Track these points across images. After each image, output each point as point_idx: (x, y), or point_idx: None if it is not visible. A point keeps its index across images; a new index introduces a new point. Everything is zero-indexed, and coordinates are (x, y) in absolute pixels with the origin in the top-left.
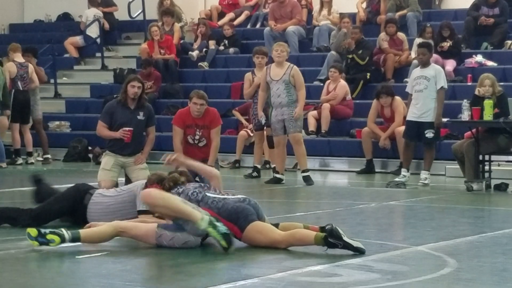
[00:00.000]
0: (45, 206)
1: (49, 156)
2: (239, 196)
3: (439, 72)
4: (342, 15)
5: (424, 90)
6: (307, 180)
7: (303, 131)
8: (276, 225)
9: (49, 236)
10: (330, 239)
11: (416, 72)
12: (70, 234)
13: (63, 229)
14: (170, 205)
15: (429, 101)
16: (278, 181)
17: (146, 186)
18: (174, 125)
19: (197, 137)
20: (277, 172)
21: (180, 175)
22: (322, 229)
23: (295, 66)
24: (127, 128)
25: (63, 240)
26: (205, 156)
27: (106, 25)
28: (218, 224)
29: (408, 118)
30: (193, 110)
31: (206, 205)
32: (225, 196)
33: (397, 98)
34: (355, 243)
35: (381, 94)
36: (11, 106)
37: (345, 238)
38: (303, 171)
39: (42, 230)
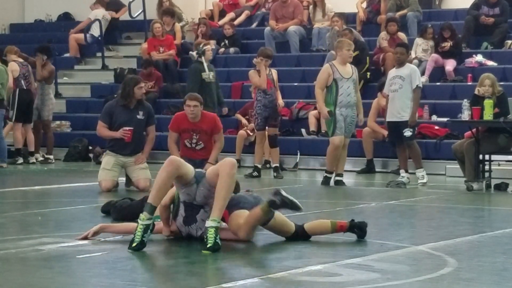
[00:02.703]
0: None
1: (51, 157)
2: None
3: (414, 71)
4: (334, 14)
5: (399, 89)
6: (341, 183)
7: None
8: (302, 225)
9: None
10: (273, 197)
11: (392, 72)
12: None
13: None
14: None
15: (405, 100)
16: (342, 183)
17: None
18: (169, 129)
19: (194, 141)
20: (341, 175)
21: None
22: (351, 224)
23: (355, 68)
24: (127, 128)
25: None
26: (203, 157)
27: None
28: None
29: (387, 119)
30: (188, 113)
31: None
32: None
33: None
34: (294, 200)
35: (383, 86)
36: (15, 105)
37: (284, 193)
38: (339, 175)
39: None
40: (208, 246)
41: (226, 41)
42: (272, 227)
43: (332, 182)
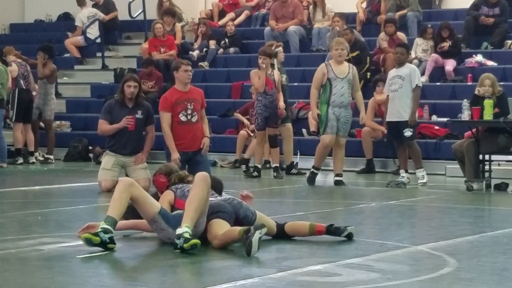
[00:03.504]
0: None
1: (51, 157)
2: (227, 196)
3: (413, 71)
4: (334, 15)
5: (399, 89)
6: (340, 183)
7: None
8: (283, 225)
9: (109, 245)
10: (252, 229)
11: (392, 72)
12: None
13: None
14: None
15: (405, 100)
16: (342, 182)
17: (155, 174)
18: (161, 111)
19: (189, 111)
20: (339, 175)
21: (188, 175)
22: (327, 229)
23: (354, 67)
24: (130, 116)
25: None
26: (198, 134)
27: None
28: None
29: (387, 119)
30: (184, 78)
31: None
32: (215, 199)
33: None
34: (254, 247)
35: (379, 82)
36: (15, 105)
37: (256, 235)
38: (338, 175)
39: (103, 238)
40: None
41: (227, 40)
42: None
43: (331, 182)
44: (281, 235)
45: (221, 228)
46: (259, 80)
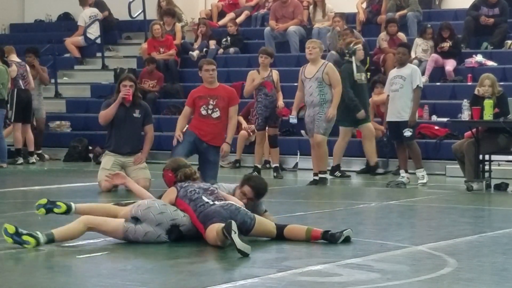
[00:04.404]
0: None
1: (41, 153)
2: (225, 202)
3: (415, 71)
4: (335, 15)
5: (400, 89)
6: (323, 181)
7: (303, 132)
8: (284, 227)
9: (25, 237)
10: (225, 232)
11: (393, 72)
12: (45, 237)
13: (38, 232)
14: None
15: (406, 100)
16: (324, 181)
17: (164, 169)
18: (185, 105)
19: (210, 106)
20: (316, 174)
21: (195, 172)
22: (323, 236)
23: (329, 63)
24: (126, 88)
25: (38, 242)
26: (218, 130)
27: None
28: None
29: (387, 119)
30: (206, 77)
31: (194, 206)
32: (215, 203)
33: None
34: (240, 245)
35: (377, 83)
36: (13, 105)
37: (233, 236)
38: (315, 174)
39: (20, 230)
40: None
41: (229, 39)
42: (253, 233)
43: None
44: (280, 238)
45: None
46: (250, 84)
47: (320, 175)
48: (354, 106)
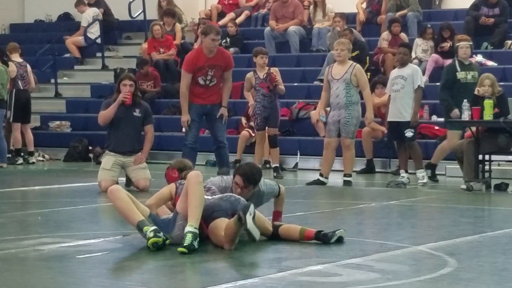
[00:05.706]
0: None
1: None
2: (224, 194)
3: (416, 71)
4: (335, 15)
5: (401, 89)
6: (347, 183)
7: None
8: (279, 226)
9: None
10: (241, 213)
11: (394, 72)
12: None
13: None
14: (117, 207)
15: (407, 100)
16: (321, 183)
17: (168, 168)
18: (184, 70)
19: (208, 77)
20: (321, 175)
21: None
22: (316, 236)
23: (358, 65)
24: (126, 90)
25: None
26: (214, 97)
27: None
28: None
29: (388, 119)
30: (210, 46)
31: None
32: (213, 197)
33: None
34: (250, 225)
35: (377, 84)
36: (12, 105)
37: (248, 216)
38: (345, 175)
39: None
40: (184, 245)
41: (228, 39)
42: None
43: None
44: (274, 237)
45: (220, 229)
46: (248, 87)
47: (345, 178)
48: None
